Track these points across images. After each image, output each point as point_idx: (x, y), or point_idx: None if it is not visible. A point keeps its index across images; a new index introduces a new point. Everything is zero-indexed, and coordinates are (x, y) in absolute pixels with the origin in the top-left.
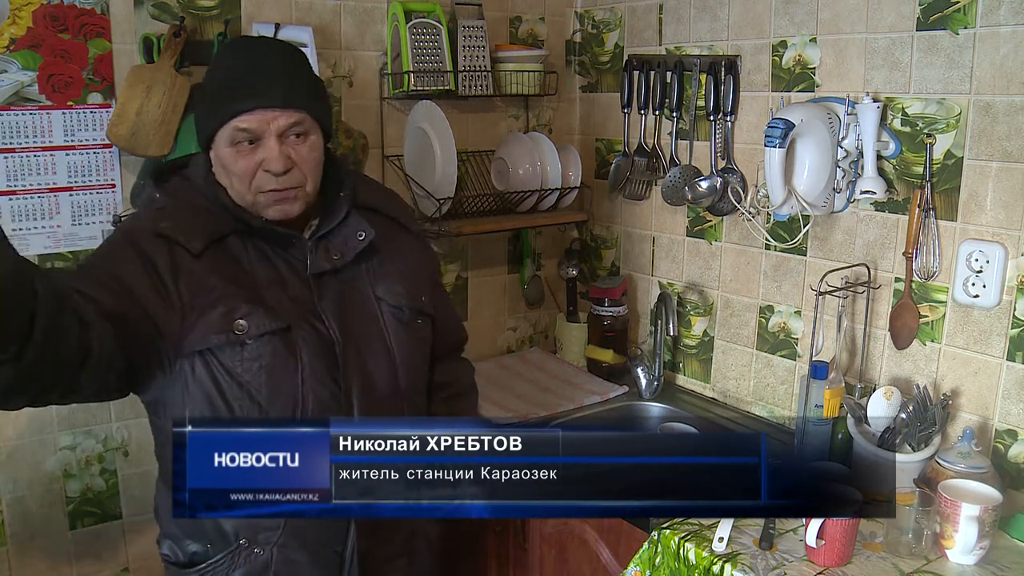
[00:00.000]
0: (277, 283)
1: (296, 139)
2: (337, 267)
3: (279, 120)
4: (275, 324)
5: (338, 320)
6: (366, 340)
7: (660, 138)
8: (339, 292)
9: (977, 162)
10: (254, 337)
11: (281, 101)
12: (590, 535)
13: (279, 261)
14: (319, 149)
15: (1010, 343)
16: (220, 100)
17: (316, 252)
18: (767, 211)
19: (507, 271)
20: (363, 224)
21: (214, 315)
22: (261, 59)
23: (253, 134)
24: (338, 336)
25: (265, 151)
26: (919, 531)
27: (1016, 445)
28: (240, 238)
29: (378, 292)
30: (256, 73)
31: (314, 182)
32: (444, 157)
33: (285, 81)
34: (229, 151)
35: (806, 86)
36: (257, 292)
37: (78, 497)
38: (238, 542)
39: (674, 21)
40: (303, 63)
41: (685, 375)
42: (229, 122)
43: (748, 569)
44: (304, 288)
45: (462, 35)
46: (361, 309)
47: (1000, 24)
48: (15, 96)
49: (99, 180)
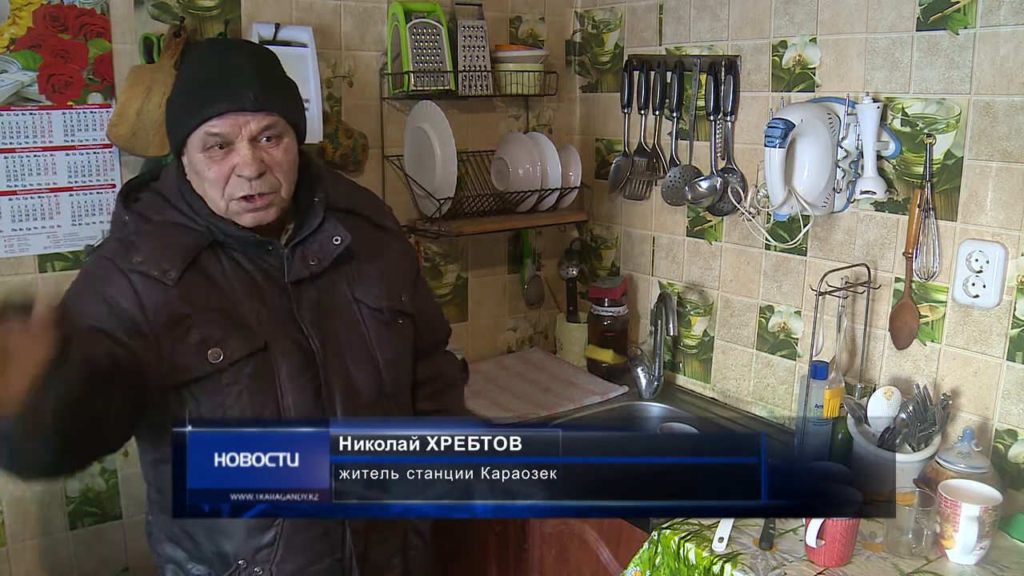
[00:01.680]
0: (254, 295)
1: (269, 142)
2: (315, 272)
3: (251, 124)
4: (251, 346)
5: (317, 328)
6: (348, 345)
7: (660, 138)
8: (318, 298)
9: (977, 162)
10: (230, 363)
11: (253, 104)
12: (590, 535)
13: (255, 271)
14: (293, 152)
15: (1010, 343)
16: (190, 104)
17: (293, 259)
18: (767, 211)
19: (507, 271)
20: (339, 228)
21: (188, 347)
22: (231, 61)
23: (225, 138)
24: (317, 346)
25: (238, 156)
26: (919, 531)
27: (1016, 445)
28: (215, 251)
29: (357, 295)
30: (226, 76)
31: (289, 186)
32: (444, 157)
33: (256, 83)
34: (201, 156)
35: (806, 86)
36: (233, 311)
37: (78, 497)
38: (236, 563)
39: (674, 21)
40: (275, 64)
41: (685, 375)
42: (200, 127)
43: (748, 569)
44: (283, 297)
45: (462, 35)
46: (341, 314)
47: (1000, 24)
48: (15, 96)
49: (99, 180)
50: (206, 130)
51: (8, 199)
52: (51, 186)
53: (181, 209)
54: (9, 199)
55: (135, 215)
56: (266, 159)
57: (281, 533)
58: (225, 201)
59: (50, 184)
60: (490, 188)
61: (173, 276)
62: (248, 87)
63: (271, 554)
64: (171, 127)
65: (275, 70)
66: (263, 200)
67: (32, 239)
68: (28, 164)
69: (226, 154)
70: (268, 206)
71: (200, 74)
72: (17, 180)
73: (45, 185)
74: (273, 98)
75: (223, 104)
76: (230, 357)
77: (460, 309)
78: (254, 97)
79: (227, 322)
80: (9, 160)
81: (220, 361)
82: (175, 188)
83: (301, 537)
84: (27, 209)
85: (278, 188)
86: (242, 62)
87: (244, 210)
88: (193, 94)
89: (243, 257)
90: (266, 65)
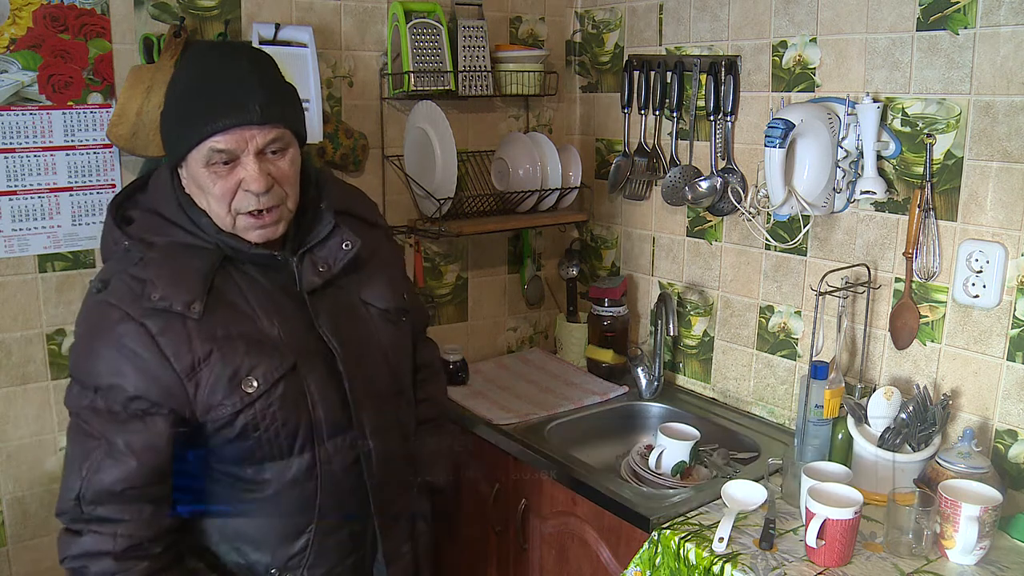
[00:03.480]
0: (274, 310)
1: (275, 155)
2: (326, 280)
3: (257, 138)
4: (282, 368)
5: (336, 335)
6: (364, 348)
7: (660, 138)
8: (332, 305)
9: (977, 162)
10: (265, 389)
11: (259, 117)
12: (590, 535)
13: (270, 285)
14: (298, 162)
15: (1010, 343)
16: (192, 117)
17: (303, 268)
18: (767, 211)
19: (507, 271)
20: (347, 233)
21: (220, 382)
22: (234, 70)
23: (230, 154)
24: (339, 352)
25: (244, 171)
26: (919, 531)
27: (1016, 445)
28: (226, 269)
29: (365, 297)
30: (230, 86)
31: (295, 197)
32: (444, 157)
33: (262, 95)
34: (204, 172)
35: (806, 86)
36: (257, 333)
37: None
38: (269, 572)
39: (674, 21)
40: (275, 70)
41: (685, 375)
42: (204, 142)
43: (748, 569)
44: (301, 308)
45: (462, 35)
46: (354, 318)
47: (1000, 24)
48: (15, 96)
49: (99, 180)
50: (211, 146)
51: (8, 199)
52: (51, 186)
53: (184, 227)
54: (9, 199)
55: (136, 241)
56: (273, 172)
57: (312, 539)
58: (232, 216)
59: (50, 184)
60: (490, 188)
61: (198, 309)
62: (254, 99)
63: (303, 559)
64: (169, 139)
65: (277, 77)
66: (271, 216)
67: (32, 239)
68: (28, 164)
69: (231, 169)
70: (276, 222)
71: (200, 83)
72: (17, 180)
73: (45, 185)
74: (279, 110)
75: (228, 119)
76: (264, 384)
77: (460, 309)
78: (260, 110)
79: (252, 346)
80: (9, 160)
81: (256, 391)
82: (173, 203)
83: (331, 539)
84: (27, 209)
85: (284, 200)
86: (244, 71)
87: (252, 227)
88: (194, 106)
89: (256, 271)
90: (269, 73)
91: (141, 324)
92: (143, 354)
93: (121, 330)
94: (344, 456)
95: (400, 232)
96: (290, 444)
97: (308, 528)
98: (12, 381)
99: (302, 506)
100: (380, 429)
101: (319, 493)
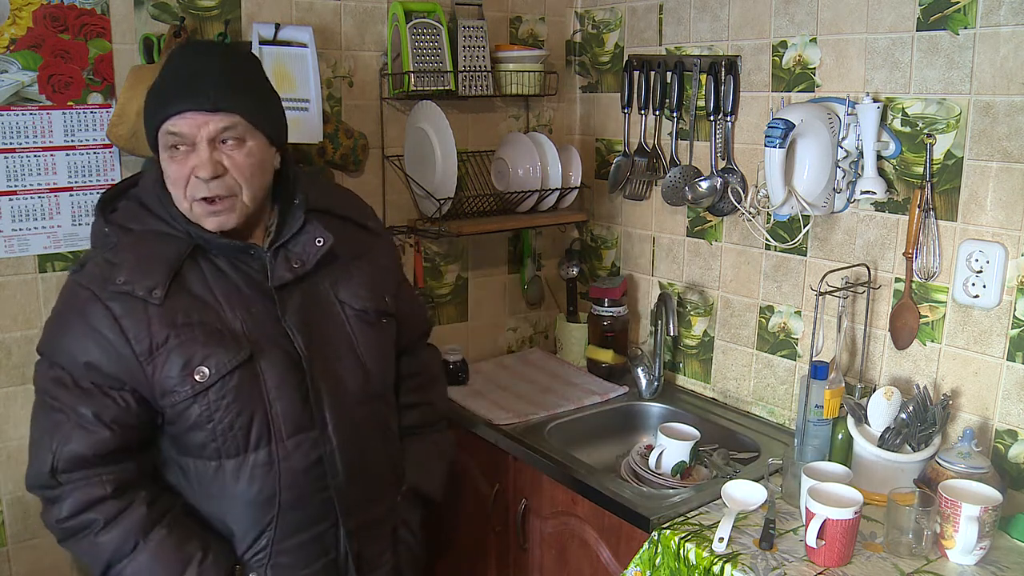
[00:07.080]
0: (238, 302)
1: (230, 145)
2: (299, 275)
3: (210, 124)
4: (236, 358)
5: (303, 332)
6: (334, 348)
7: (660, 138)
8: (303, 302)
9: (977, 162)
10: (217, 379)
11: (211, 104)
12: (590, 535)
13: (238, 276)
14: (257, 156)
15: (1010, 343)
16: (154, 103)
17: (276, 263)
18: (767, 211)
19: (507, 271)
20: (320, 230)
21: (174, 369)
22: (200, 63)
23: (185, 139)
24: (303, 350)
25: (196, 157)
26: (919, 531)
27: (1016, 445)
28: (196, 258)
29: (341, 296)
30: (190, 76)
31: (251, 190)
32: (444, 157)
33: (218, 83)
34: (165, 156)
35: (806, 86)
36: (217, 322)
37: None
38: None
39: (674, 21)
40: (248, 67)
41: (685, 375)
42: (162, 125)
43: (748, 569)
44: (267, 302)
45: (462, 35)
46: (326, 316)
47: (1000, 24)
48: (15, 96)
49: (99, 180)
50: (167, 128)
51: (8, 199)
52: (51, 186)
53: (161, 216)
54: (9, 199)
55: (115, 227)
56: (225, 162)
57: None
58: (188, 202)
59: (50, 184)
60: (490, 188)
61: (159, 295)
62: (210, 87)
63: (265, 557)
64: (145, 129)
65: (246, 72)
66: (223, 204)
67: (32, 239)
68: (28, 164)
69: (186, 155)
70: (230, 210)
71: (168, 75)
72: (17, 180)
73: (45, 185)
74: (235, 99)
75: (182, 104)
76: (217, 373)
77: (460, 309)
78: (213, 97)
79: (211, 336)
80: (9, 160)
81: (206, 379)
82: (154, 194)
83: (294, 540)
84: (27, 209)
85: (237, 192)
86: (209, 64)
87: (206, 213)
88: (158, 94)
89: (225, 263)
90: (236, 67)
91: (106, 306)
92: (107, 334)
93: (88, 310)
94: (306, 455)
95: (400, 232)
96: (245, 437)
97: (269, 527)
98: (12, 381)
99: (262, 503)
100: (346, 430)
101: (279, 491)
